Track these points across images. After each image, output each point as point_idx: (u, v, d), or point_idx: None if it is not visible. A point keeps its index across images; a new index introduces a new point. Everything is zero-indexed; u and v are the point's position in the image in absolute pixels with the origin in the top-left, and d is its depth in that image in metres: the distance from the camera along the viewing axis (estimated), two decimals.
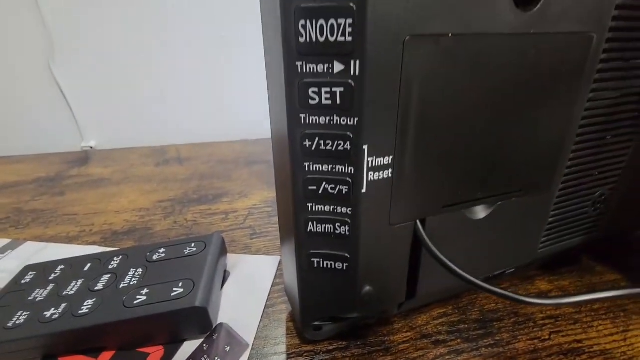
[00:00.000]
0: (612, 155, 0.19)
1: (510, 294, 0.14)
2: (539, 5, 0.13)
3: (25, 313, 0.18)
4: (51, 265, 0.22)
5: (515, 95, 0.14)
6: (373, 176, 0.13)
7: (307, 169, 0.13)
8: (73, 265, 0.21)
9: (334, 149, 0.12)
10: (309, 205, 0.14)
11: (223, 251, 0.23)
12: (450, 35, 0.12)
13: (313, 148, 0.13)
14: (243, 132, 0.52)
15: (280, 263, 0.24)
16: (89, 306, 0.18)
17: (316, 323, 0.17)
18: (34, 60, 0.48)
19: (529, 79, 0.14)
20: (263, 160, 0.43)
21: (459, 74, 0.13)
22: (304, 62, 0.11)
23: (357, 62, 0.11)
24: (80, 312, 0.17)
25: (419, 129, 0.13)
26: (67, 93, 0.50)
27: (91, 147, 0.53)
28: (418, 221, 0.15)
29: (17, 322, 0.17)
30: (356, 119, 0.12)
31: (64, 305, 0.18)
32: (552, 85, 0.15)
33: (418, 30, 0.11)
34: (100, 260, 0.21)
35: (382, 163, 0.13)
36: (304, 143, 0.13)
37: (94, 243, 0.27)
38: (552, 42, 0.14)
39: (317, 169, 0.13)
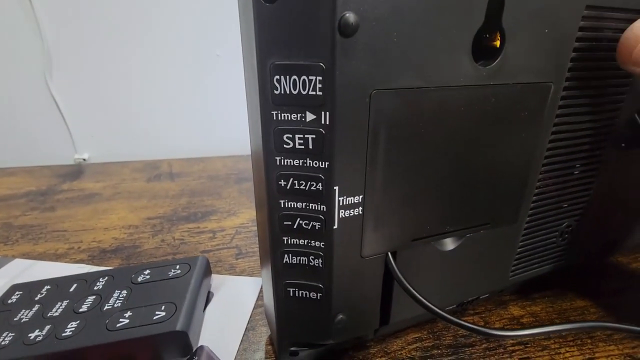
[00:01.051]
0: (577, 189, 0.20)
1: (474, 326, 0.15)
2: (497, 60, 0.14)
3: (10, 334, 0.18)
4: (37, 285, 0.22)
5: (478, 138, 0.15)
6: (344, 213, 0.14)
7: (282, 206, 0.14)
8: (59, 286, 0.22)
9: (307, 188, 0.13)
10: (285, 238, 0.15)
11: (207, 273, 0.23)
12: (414, 88, 0.13)
13: (288, 187, 0.13)
14: (235, 147, 0.53)
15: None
16: (73, 328, 0.18)
17: (292, 348, 0.18)
18: (31, 75, 0.49)
19: (490, 123, 0.15)
20: None
21: (423, 121, 0.14)
22: (279, 112, 0.12)
23: (327, 113, 0.12)
24: (63, 334, 0.18)
25: (387, 171, 0.14)
26: (62, 106, 0.51)
27: (84, 159, 0.54)
28: (389, 253, 0.16)
29: (3, 344, 0.18)
30: (327, 163, 0.13)
31: (48, 327, 0.19)
32: (513, 129, 0.16)
33: (383, 85, 0.12)
34: (86, 281, 0.22)
35: (352, 202, 0.14)
36: (280, 182, 0.13)
37: (81, 261, 0.27)
38: (511, 92, 0.15)
39: (292, 206, 0.14)
